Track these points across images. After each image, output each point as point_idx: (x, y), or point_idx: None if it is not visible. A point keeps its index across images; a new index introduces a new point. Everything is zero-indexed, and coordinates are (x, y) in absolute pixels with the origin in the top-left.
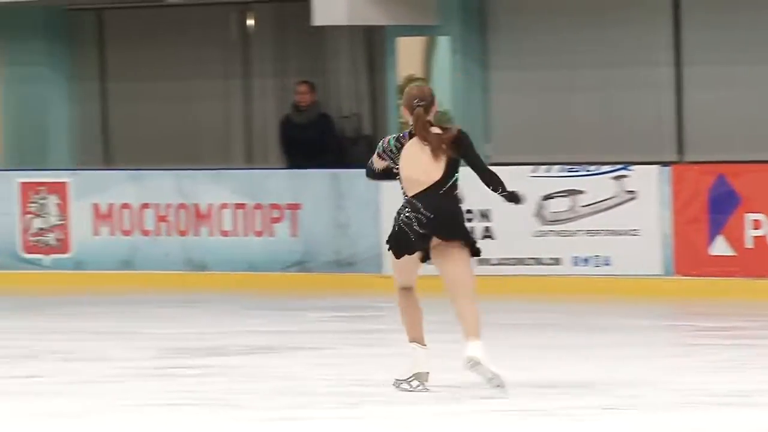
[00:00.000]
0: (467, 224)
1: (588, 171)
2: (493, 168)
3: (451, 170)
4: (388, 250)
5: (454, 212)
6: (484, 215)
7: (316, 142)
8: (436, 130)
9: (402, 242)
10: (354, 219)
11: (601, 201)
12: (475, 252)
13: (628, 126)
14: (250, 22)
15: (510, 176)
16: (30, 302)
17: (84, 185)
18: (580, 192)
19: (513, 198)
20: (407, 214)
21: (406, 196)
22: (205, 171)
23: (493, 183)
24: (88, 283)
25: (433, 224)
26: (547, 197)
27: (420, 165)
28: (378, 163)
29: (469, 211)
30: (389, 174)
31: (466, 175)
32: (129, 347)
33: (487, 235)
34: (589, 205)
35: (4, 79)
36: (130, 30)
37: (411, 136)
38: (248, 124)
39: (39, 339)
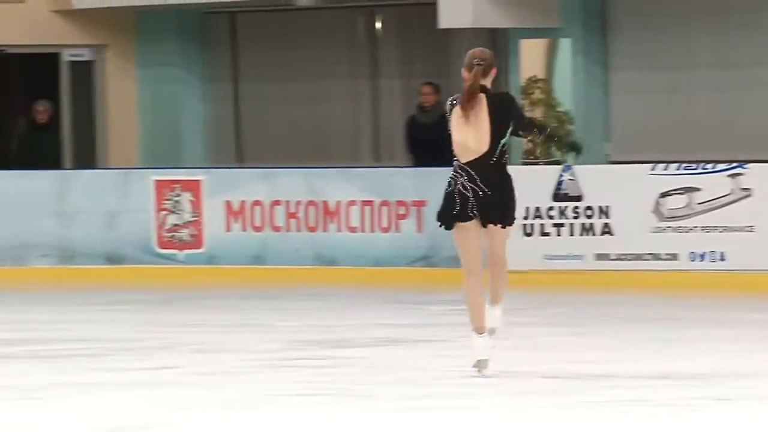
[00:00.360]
0: (515, 195)
1: (705, 169)
2: (611, 165)
3: (497, 135)
4: (438, 220)
5: (507, 186)
6: (604, 212)
7: (439, 141)
8: (481, 95)
9: (452, 207)
10: None
11: (717, 198)
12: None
13: (744, 125)
14: (378, 24)
15: (629, 174)
16: (164, 296)
17: (217, 183)
18: (697, 189)
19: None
20: (464, 183)
21: (458, 161)
22: (333, 169)
23: (534, 128)
24: (220, 277)
25: (489, 204)
26: (665, 194)
27: (469, 130)
28: None
29: (588, 208)
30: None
31: (582, 173)
32: (260, 339)
33: (606, 231)
34: (706, 202)
35: (140, 80)
36: (262, 32)
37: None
38: (375, 124)
39: (172, 331)
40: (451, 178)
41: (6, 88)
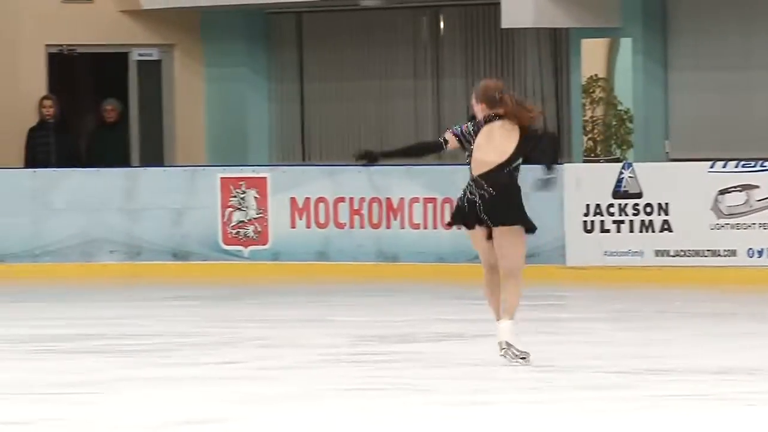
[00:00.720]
0: (523, 201)
1: (763, 166)
2: (671, 163)
3: (517, 155)
4: (450, 223)
5: (513, 191)
6: (663, 209)
7: None
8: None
9: (462, 215)
10: (538, 212)
11: None
12: (531, 230)
13: None
14: (441, 24)
15: (688, 171)
16: (230, 292)
17: (282, 180)
18: (755, 187)
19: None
20: (472, 190)
21: (472, 175)
22: (396, 167)
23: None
24: (284, 273)
25: (494, 205)
26: (724, 192)
27: (492, 148)
28: (452, 142)
29: (648, 205)
30: (433, 150)
31: (642, 171)
32: (323, 334)
33: (666, 228)
34: (764, 199)
35: (207, 79)
36: (326, 32)
37: (485, 123)
38: (438, 123)
39: (237, 327)
40: (462, 190)
41: (76, 87)
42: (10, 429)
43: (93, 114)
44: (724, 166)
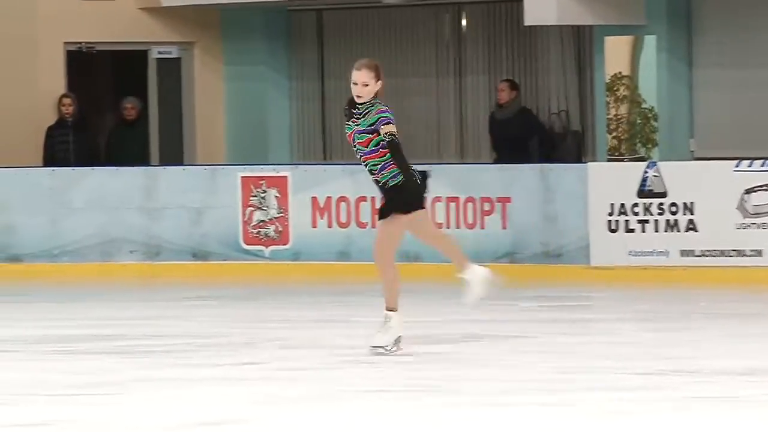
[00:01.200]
0: None
1: None
2: (696, 162)
3: None
4: (409, 210)
5: None
6: (688, 208)
7: (518, 136)
8: None
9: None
10: (562, 212)
11: None
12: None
13: None
14: (464, 22)
15: (713, 170)
16: (250, 292)
17: (303, 179)
18: None
19: None
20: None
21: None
22: (418, 166)
23: None
24: (305, 273)
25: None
26: (749, 191)
27: None
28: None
29: (673, 204)
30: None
31: (667, 170)
32: (344, 335)
33: (691, 227)
34: None
35: (227, 78)
36: (348, 30)
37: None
38: (460, 121)
39: (257, 327)
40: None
41: (95, 85)
42: (26, 430)
43: (112, 112)
44: (749, 165)
